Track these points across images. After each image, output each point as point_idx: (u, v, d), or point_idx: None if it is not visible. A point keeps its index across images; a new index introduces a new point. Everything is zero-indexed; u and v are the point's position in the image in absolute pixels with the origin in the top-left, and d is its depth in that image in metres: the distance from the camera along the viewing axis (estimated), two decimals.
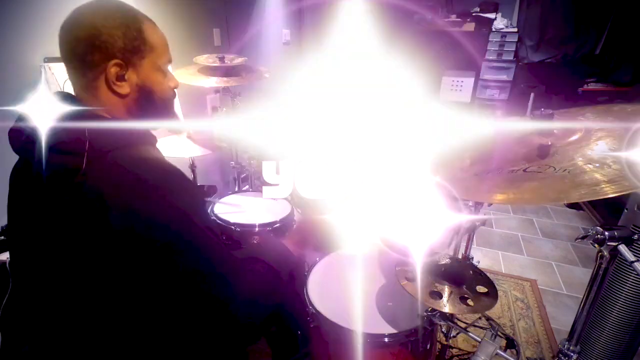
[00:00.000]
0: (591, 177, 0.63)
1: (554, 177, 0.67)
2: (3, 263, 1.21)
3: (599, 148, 0.69)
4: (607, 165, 0.64)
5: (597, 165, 0.65)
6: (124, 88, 0.67)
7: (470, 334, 1.03)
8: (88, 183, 0.60)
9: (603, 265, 0.82)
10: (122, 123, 0.68)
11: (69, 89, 0.72)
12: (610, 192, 0.58)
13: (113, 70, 0.64)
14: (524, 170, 0.71)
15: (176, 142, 1.75)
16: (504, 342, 1.10)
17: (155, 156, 0.68)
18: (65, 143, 0.61)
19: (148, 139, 0.71)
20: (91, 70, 0.64)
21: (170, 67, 0.78)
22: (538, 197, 0.66)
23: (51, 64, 1.48)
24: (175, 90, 0.77)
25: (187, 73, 1.89)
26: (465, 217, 1.06)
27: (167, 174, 0.65)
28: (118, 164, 0.62)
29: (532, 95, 3.71)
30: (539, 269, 2.36)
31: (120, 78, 0.66)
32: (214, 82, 1.86)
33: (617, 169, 0.62)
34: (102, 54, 0.63)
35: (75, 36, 0.63)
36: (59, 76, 1.50)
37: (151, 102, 0.71)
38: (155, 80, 0.71)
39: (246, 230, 1.49)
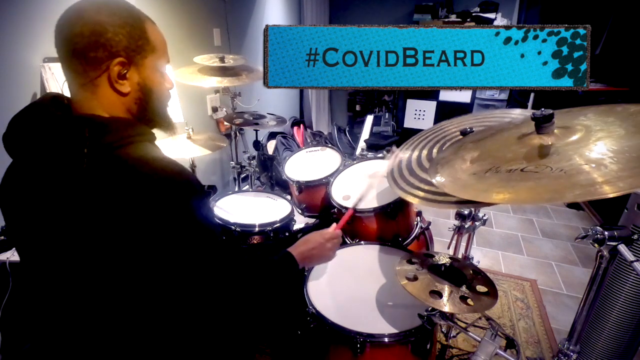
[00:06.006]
0: (587, 177, 0.63)
1: (549, 177, 0.67)
2: (3, 263, 1.22)
3: (598, 148, 0.69)
4: (604, 165, 0.64)
5: (594, 165, 0.65)
6: (125, 87, 0.67)
7: (470, 333, 1.03)
8: (90, 180, 0.60)
9: (603, 265, 0.82)
10: (122, 121, 0.68)
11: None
12: (606, 192, 0.58)
13: (116, 68, 0.64)
14: (522, 170, 0.72)
15: (176, 142, 1.75)
16: (504, 342, 1.10)
17: (157, 154, 0.68)
18: (67, 143, 0.61)
19: (148, 136, 0.71)
20: (93, 68, 0.64)
21: (170, 67, 0.77)
22: (533, 196, 0.66)
23: (51, 64, 1.49)
24: (170, 91, 0.77)
25: (187, 73, 1.89)
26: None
27: (171, 172, 0.65)
28: (122, 160, 0.62)
29: (532, 95, 3.70)
30: (539, 269, 2.36)
31: (122, 76, 0.66)
32: (214, 82, 1.86)
33: (614, 170, 0.62)
34: (107, 51, 0.63)
35: (78, 32, 0.61)
36: (59, 76, 1.50)
37: (150, 101, 0.71)
38: (154, 80, 0.71)
39: (246, 230, 1.49)
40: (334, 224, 1.08)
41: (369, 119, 3.95)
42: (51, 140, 0.61)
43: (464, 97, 4.07)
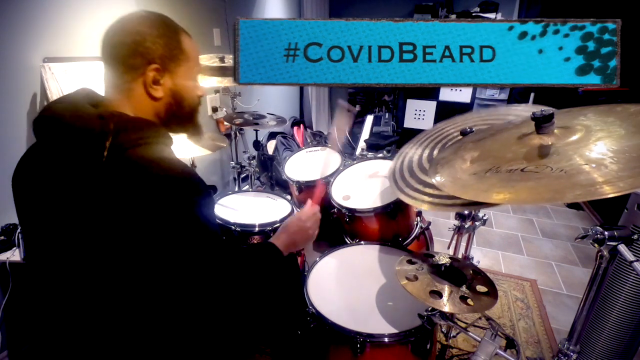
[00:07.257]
0: (587, 177, 0.63)
1: (550, 177, 0.67)
2: (3, 263, 1.22)
3: (598, 149, 0.69)
4: (604, 165, 0.64)
5: (594, 165, 0.65)
6: (159, 92, 0.72)
7: (470, 333, 1.03)
8: (105, 174, 0.62)
9: (603, 265, 0.82)
10: (144, 121, 0.71)
11: (70, 89, 0.72)
12: (606, 192, 0.58)
13: (151, 74, 0.70)
14: (522, 170, 0.71)
15: (176, 142, 1.75)
16: (504, 342, 1.10)
17: (166, 154, 0.70)
18: (92, 133, 0.63)
19: (165, 139, 0.74)
20: (130, 73, 0.69)
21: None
22: (533, 196, 0.66)
23: (51, 64, 1.49)
24: (200, 98, 0.82)
25: None
26: None
27: (175, 170, 0.66)
28: (132, 159, 0.64)
29: (532, 95, 3.71)
30: (539, 269, 2.36)
31: (156, 82, 0.71)
32: (214, 82, 1.86)
33: (614, 170, 0.62)
34: (144, 58, 0.69)
35: (120, 40, 0.68)
36: (59, 76, 1.50)
37: (180, 107, 0.77)
38: (186, 87, 0.77)
39: (246, 230, 1.49)
40: (309, 201, 1.05)
41: (369, 119, 3.96)
42: (78, 128, 0.64)
43: (464, 97, 4.07)
